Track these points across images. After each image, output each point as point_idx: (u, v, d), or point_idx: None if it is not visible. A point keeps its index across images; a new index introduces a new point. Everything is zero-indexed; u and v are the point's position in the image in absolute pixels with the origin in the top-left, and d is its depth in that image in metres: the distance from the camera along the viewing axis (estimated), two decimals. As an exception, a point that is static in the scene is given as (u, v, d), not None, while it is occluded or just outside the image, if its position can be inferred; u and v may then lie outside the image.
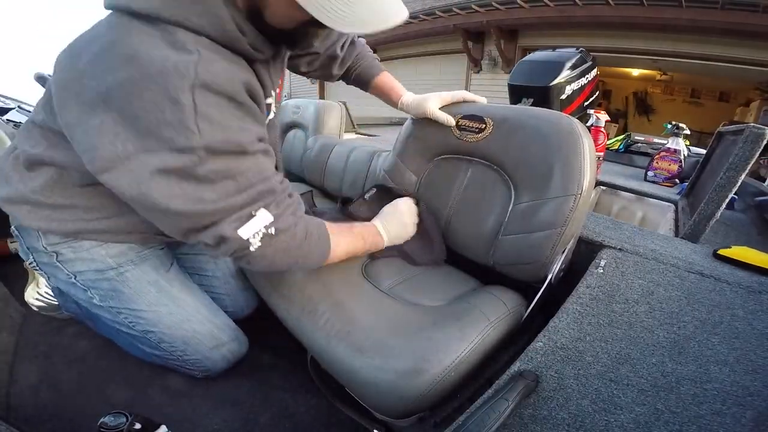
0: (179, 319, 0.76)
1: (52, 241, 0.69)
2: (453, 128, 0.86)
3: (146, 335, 0.76)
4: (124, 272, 0.73)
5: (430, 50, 6.39)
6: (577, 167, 0.67)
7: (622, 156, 2.15)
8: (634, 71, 6.44)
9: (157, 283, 0.75)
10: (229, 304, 0.90)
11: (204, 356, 0.79)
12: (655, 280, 0.66)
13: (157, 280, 0.75)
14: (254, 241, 0.54)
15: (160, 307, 0.74)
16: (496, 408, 0.41)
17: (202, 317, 0.79)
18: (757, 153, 0.75)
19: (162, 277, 0.76)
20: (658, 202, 1.28)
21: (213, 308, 0.83)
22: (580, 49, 1.27)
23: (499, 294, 0.72)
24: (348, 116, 2.09)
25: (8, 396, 0.77)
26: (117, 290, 0.73)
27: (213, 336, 0.79)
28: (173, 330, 0.75)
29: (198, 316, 0.78)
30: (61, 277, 0.72)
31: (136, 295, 0.73)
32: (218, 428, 0.75)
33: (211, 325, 0.79)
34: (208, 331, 0.79)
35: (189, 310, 0.77)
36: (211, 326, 0.79)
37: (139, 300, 0.73)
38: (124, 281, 0.73)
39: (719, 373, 0.47)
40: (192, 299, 0.79)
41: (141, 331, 0.75)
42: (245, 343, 0.86)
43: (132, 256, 0.73)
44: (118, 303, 0.73)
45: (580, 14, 4.18)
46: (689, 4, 3.53)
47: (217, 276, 0.89)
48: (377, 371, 0.56)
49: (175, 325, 0.75)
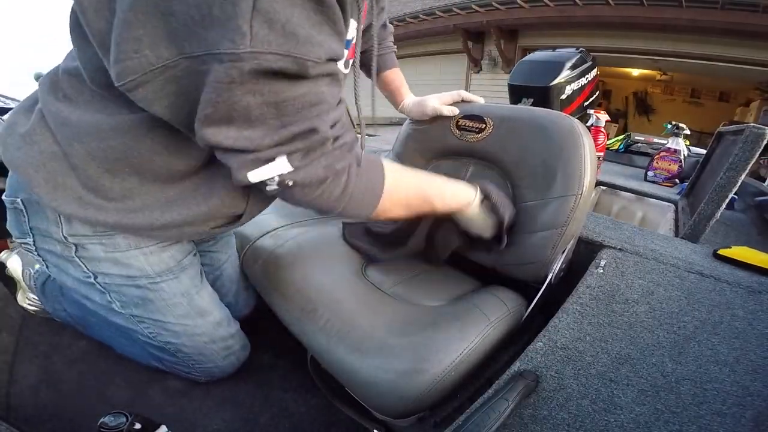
0: (202, 332, 0.72)
1: (78, 231, 0.57)
2: (453, 128, 0.86)
3: (166, 345, 0.71)
4: (161, 282, 0.65)
5: (430, 50, 6.39)
6: (578, 167, 0.67)
7: (622, 156, 2.16)
8: (634, 71, 6.44)
9: (190, 294, 0.69)
10: (232, 304, 0.90)
11: (215, 365, 0.77)
12: (655, 280, 0.66)
13: (190, 291, 0.69)
14: (271, 185, 0.45)
15: (187, 320, 0.70)
16: (496, 408, 0.41)
17: (223, 330, 0.76)
18: (757, 153, 0.75)
19: (195, 288, 0.70)
20: (658, 202, 1.28)
21: (230, 317, 0.80)
22: (580, 49, 1.27)
23: (499, 294, 0.72)
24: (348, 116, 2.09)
25: (8, 396, 0.77)
26: (146, 299, 0.65)
27: (227, 346, 0.77)
28: (194, 341, 0.72)
29: (219, 330, 0.75)
30: (73, 273, 0.61)
31: (165, 306, 0.67)
32: (218, 428, 0.75)
33: (227, 336, 0.77)
34: (225, 341, 0.77)
35: (213, 324, 0.74)
36: (228, 336, 0.77)
37: (168, 312, 0.67)
38: (158, 291, 0.65)
39: (719, 373, 0.47)
40: (218, 312, 0.75)
41: (161, 342, 0.71)
42: (249, 347, 0.86)
43: (172, 265, 0.65)
44: (143, 312, 0.66)
45: (580, 14, 4.19)
46: (689, 4, 3.53)
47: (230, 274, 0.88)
48: (377, 371, 0.56)
49: (197, 337, 0.72)
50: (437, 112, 0.86)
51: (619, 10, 3.93)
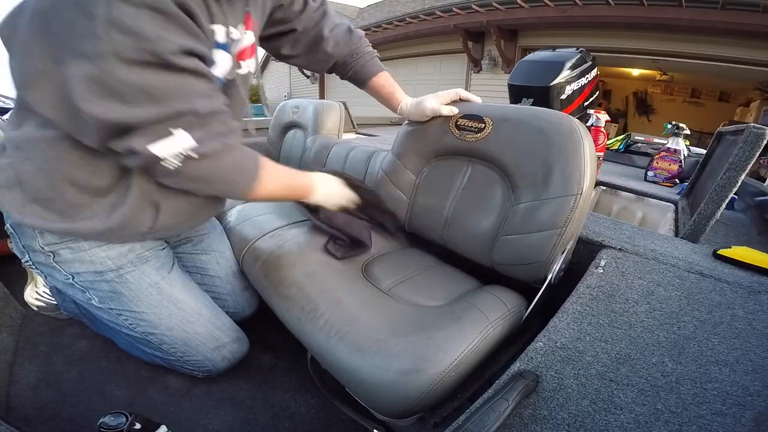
0: (180, 321, 0.75)
1: (49, 240, 0.67)
2: (452, 127, 0.86)
3: (147, 337, 0.75)
4: (124, 274, 0.71)
5: (430, 50, 6.38)
6: (577, 167, 0.67)
7: (622, 156, 2.15)
8: (634, 71, 6.44)
9: (158, 285, 0.74)
10: (231, 305, 0.90)
11: (205, 357, 0.79)
12: (655, 280, 0.66)
13: (158, 282, 0.74)
14: (172, 161, 0.53)
15: (161, 309, 0.74)
16: (496, 408, 0.41)
17: (204, 319, 0.78)
18: (757, 153, 0.75)
19: (163, 279, 0.75)
20: (658, 202, 1.28)
21: (215, 309, 0.82)
22: (580, 49, 1.27)
23: (499, 294, 0.72)
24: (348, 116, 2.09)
25: (8, 396, 0.77)
26: (117, 292, 0.71)
27: (214, 337, 0.79)
28: (174, 332, 0.75)
29: (199, 318, 0.78)
30: (59, 277, 0.71)
31: (136, 297, 0.72)
32: (218, 428, 0.75)
33: (212, 327, 0.79)
34: (209, 332, 0.78)
35: (190, 312, 0.77)
36: (213, 327, 0.79)
37: (140, 302, 0.72)
38: (124, 283, 0.71)
39: (719, 373, 0.47)
40: (193, 301, 0.78)
41: (142, 333, 0.75)
42: (247, 343, 0.86)
43: (132, 258, 0.72)
44: (118, 305, 0.73)
45: (580, 14, 4.18)
46: (689, 4, 3.53)
47: (219, 276, 0.88)
48: (377, 371, 0.56)
49: (177, 327, 0.75)
50: (436, 112, 0.86)
51: (619, 10, 3.93)
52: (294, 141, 1.68)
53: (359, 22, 7.50)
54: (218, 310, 0.83)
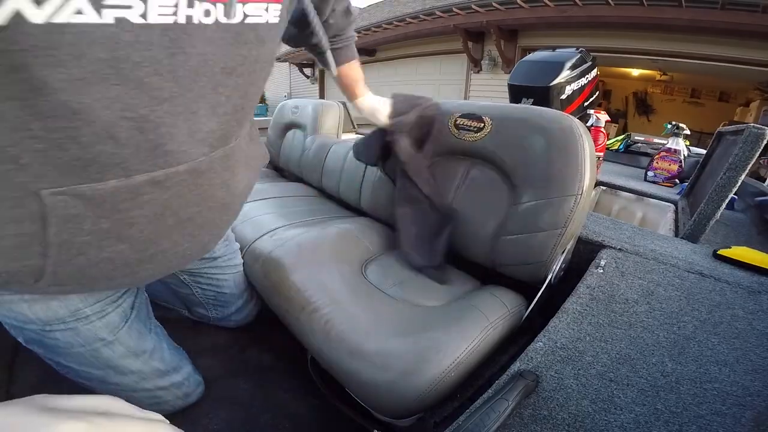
0: (113, 383, 0.63)
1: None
2: (451, 127, 0.86)
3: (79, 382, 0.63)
4: (53, 332, 0.55)
5: (430, 50, 6.38)
6: (577, 168, 0.67)
7: (622, 156, 2.15)
8: (634, 71, 6.44)
9: (96, 349, 0.59)
10: (234, 314, 0.90)
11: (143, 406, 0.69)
12: (655, 280, 0.66)
13: (97, 347, 0.59)
14: None
15: (92, 369, 0.60)
16: (496, 408, 0.41)
17: (147, 383, 0.66)
18: (757, 153, 0.75)
19: (105, 344, 0.59)
20: (658, 202, 1.28)
21: (166, 372, 0.69)
22: (580, 49, 1.27)
23: (499, 294, 0.72)
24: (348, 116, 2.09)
25: (8, 396, 0.77)
26: (43, 344, 0.57)
27: (154, 396, 0.69)
28: (109, 387, 0.63)
29: (139, 382, 0.65)
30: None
31: (67, 354, 0.58)
32: (218, 428, 0.75)
33: (155, 389, 0.68)
34: (152, 395, 0.68)
35: (129, 378, 0.64)
36: (155, 390, 0.68)
37: (70, 359, 0.59)
38: (53, 339, 0.56)
39: (719, 373, 0.47)
40: (139, 366, 0.64)
41: (75, 379, 0.63)
42: (198, 394, 0.78)
43: (64, 315, 0.54)
44: (45, 353, 0.59)
45: (580, 14, 4.18)
46: (689, 4, 3.53)
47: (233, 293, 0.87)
48: (377, 371, 0.56)
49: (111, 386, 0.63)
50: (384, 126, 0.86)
51: (619, 10, 3.93)
52: (294, 141, 1.68)
53: (359, 22, 7.50)
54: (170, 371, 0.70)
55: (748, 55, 3.68)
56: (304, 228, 0.93)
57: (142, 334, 0.65)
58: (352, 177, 1.24)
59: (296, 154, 1.63)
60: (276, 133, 1.78)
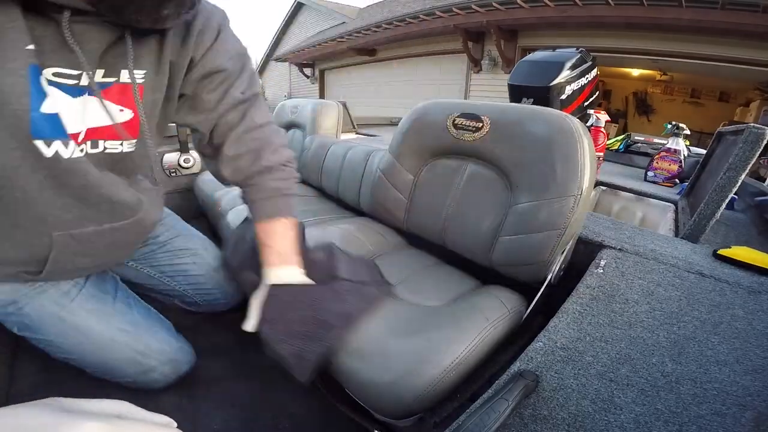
0: (92, 348, 0.70)
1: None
2: (449, 126, 0.86)
3: (67, 362, 0.72)
4: (22, 307, 0.66)
5: (430, 50, 6.39)
6: (577, 168, 0.67)
7: (622, 156, 2.16)
8: (634, 71, 6.44)
9: (59, 315, 0.68)
10: (221, 296, 0.91)
11: (133, 380, 0.74)
12: (655, 280, 0.66)
13: (58, 312, 0.68)
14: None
15: (67, 338, 0.69)
16: (496, 408, 0.41)
17: (120, 345, 0.71)
18: (757, 153, 0.75)
19: (63, 309, 0.68)
20: (658, 202, 1.28)
21: (136, 334, 0.74)
22: (580, 49, 1.27)
23: (498, 294, 0.72)
24: (348, 116, 2.09)
25: (8, 396, 0.77)
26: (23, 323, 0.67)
27: (136, 362, 0.73)
28: (90, 358, 0.71)
29: (113, 344, 0.71)
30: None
31: (41, 326, 0.68)
32: (218, 428, 0.75)
33: (132, 353, 0.72)
34: (130, 358, 0.72)
35: (101, 340, 0.70)
36: (133, 353, 0.72)
37: (46, 331, 0.68)
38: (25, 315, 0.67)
39: (719, 373, 0.47)
40: (105, 328, 0.71)
41: (62, 358, 0.71)
42: (187, 362, 0.80)
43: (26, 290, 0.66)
44: (30, 333, 0.68)
45: (580, 14, 4.18)
46: (689, 4, 3.53)
47: (201, 274, 0.88)
48: (377, 371, 0.56)
49: (90, 354, 0.70)
50: None
51: (619, 10, 3.93)
52: (293, 141, 1.68)
53: (359, 22, 7.51)
54: (143, 333, 0.75)
55: (748, 55, 3.68)
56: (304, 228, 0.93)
57: (100, 299, 0.74)
58: (352, 177, 1.24)
59: (295, 154, 1.63)
60: (276, 133, 1.78)
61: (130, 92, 0.55)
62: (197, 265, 0.88)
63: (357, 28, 7.01)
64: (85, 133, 0.54)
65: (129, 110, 0.56)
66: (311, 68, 10.10)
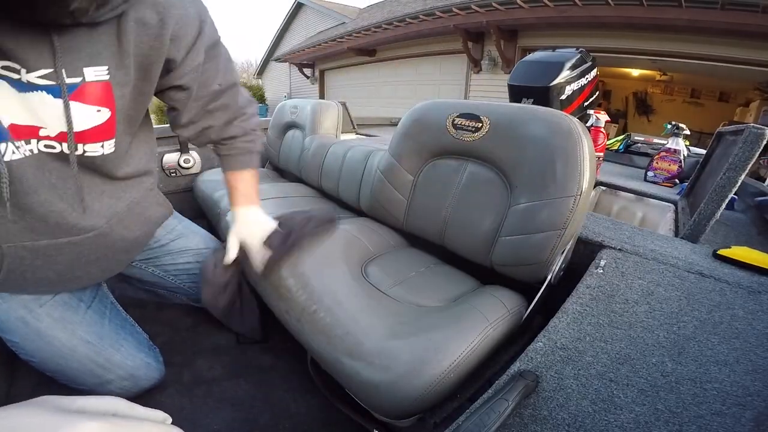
0: (51, 355, 0.71)
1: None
2: (449, 126, 0.86)
3: (29, 363, 0.72)
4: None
5: (430, 50, 6.39)
6: (576, 168, 0.67)
7: (622, 156, 2.15)
8: (634, 71, 6.44)
9: (24, 319, 0.69)
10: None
11: (91, 389, 0.74)
12: (655, 280, 0.66)
13: (24, 316, 0.69)
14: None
15: (29, 343, 0.70)
16: (496, 408, 0.41)
17: (80, 355, 0.72)
18: (757, 153, 0.75)
19: (30, 313, 0.70)
20: (658, 203, 1.28)
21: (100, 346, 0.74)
22: (580, 49, 1.27)
23: (498, 294, 0.72)
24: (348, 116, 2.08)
25: (8, 396, 0.77)
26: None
27: (94, 374, 0.73)
28: (48, 363, 0.71)
29: (73, 354, 0.72)
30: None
31: (7, 328, 0.69)
32: (218, 428, 0.75)
33: (91, 364, 0.72)
34: (88, 369, 0.73)
35: (60, 348, 0.71)
36: (92, 365, 0.72)
37: (12, 333, 0.70)
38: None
39: (719, 373, 0.47)
40: (66, 337, 0.71)
41: (25, 360, 0.72)
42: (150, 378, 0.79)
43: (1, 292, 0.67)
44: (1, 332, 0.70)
45: (580, 14, 4.18)
46: (689, 4, 3.53)
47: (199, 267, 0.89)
48: (377, 372, 0.56)
49: (50, 360, 0.71)
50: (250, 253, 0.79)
51: (619, 10, 3.93)
52: (293, 141, 1.68)
53: (359, 23, 7.52)
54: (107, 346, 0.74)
55: (748, 55, 3.68)
56: (304, 228, 0.93)
57: (71, 307, 0.74)
58: (351, 177, 1.24)
59: (295, 155, 1.63)
60: (275, 134, 1.78)
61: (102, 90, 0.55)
62: (200, 263, 0.89)
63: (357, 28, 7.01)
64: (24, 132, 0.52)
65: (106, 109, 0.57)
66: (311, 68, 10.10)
